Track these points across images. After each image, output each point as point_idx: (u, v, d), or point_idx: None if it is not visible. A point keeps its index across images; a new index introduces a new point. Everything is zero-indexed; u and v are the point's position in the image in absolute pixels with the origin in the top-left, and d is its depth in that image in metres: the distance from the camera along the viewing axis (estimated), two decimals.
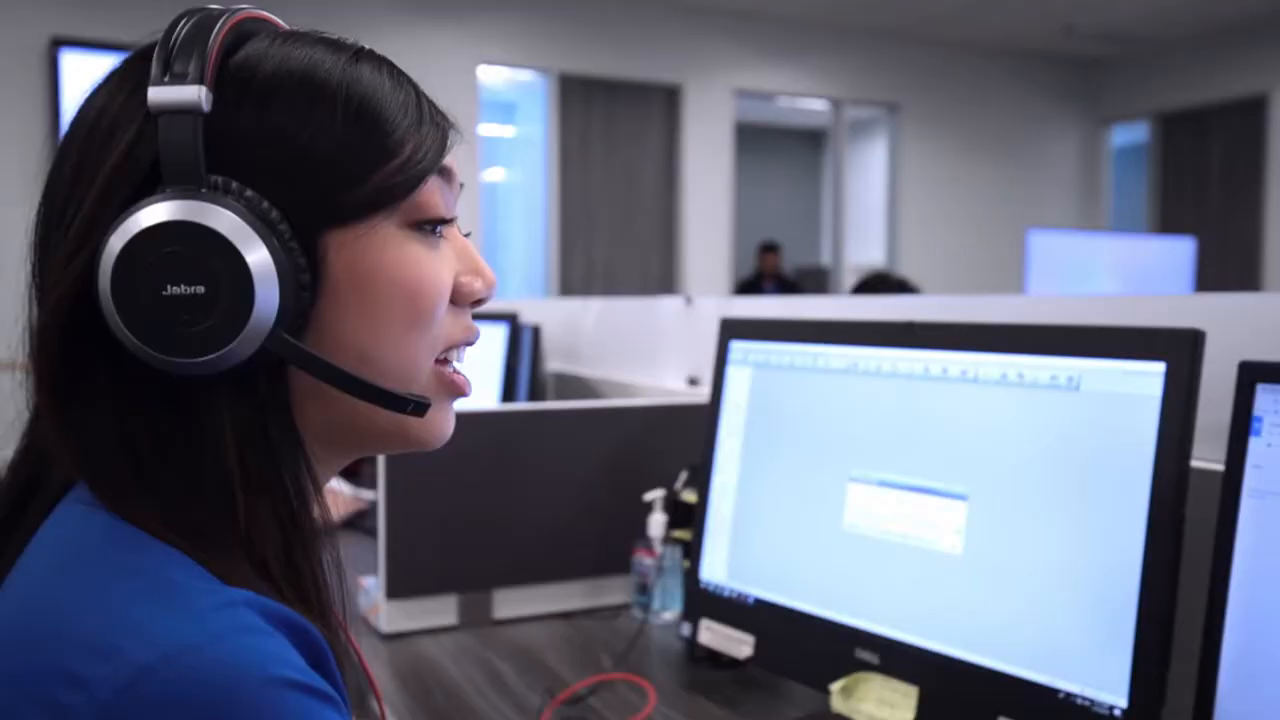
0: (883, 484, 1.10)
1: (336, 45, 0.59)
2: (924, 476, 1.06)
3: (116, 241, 0.51)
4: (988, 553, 1.00)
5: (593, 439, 1.61)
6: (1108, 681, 0.90)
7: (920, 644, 1.04)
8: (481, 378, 2.35)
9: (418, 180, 0.58)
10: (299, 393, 0.57)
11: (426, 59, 6.46)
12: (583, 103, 7.00)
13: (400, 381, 0.59)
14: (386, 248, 0.57)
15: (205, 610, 0.47)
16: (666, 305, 2.01)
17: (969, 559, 1.01)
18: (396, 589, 1.48)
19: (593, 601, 1.61)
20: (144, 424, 0.54)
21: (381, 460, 1.47)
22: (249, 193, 0.53)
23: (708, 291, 7.25)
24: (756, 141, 9.19)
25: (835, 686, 1.09)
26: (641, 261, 7.22)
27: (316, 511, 0.58)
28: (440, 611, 1.51)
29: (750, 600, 1.22)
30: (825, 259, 8.57)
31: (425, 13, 6.48)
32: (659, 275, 7.25)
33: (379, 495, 1.49)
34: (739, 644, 1.22)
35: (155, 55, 0.53)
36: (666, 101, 7.30)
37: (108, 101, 0.55)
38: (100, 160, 0.53)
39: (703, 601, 1.28)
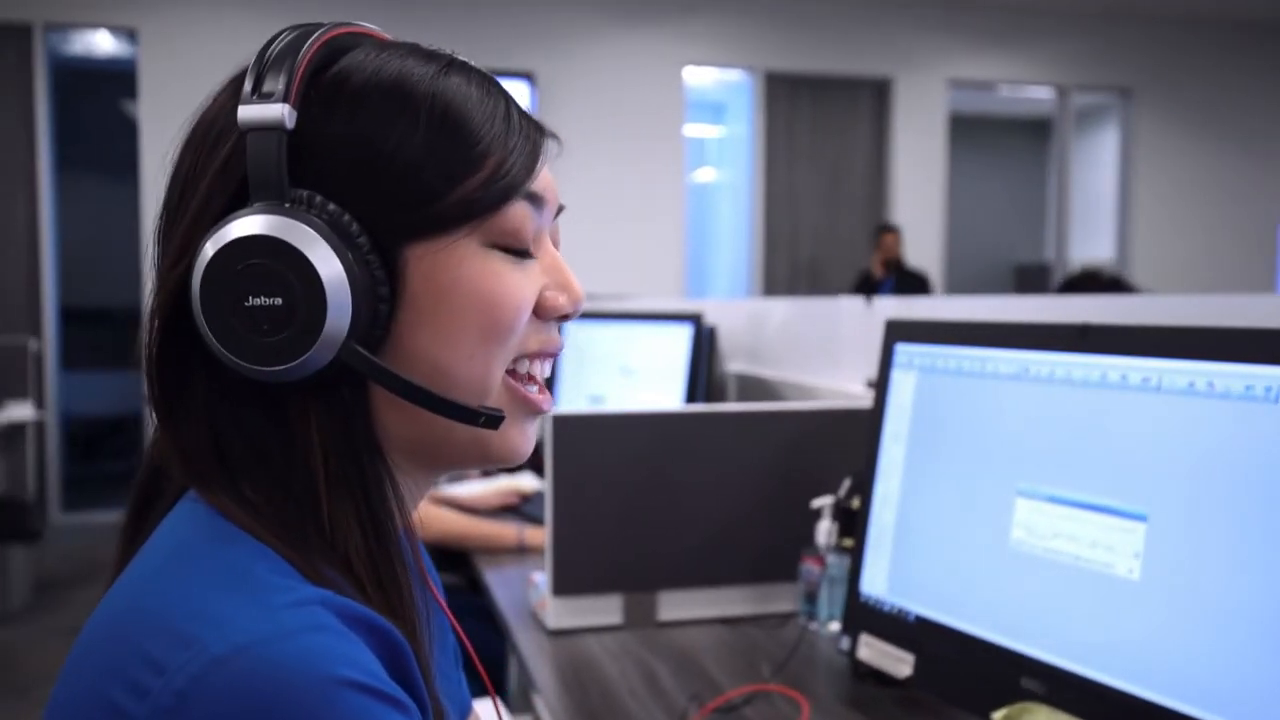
0: (1053, 499, 1.02)
1: (430, 56, 0.60)
2: (1099, 493, 0.97)
3: (205, 254, 0.53)
4: (1169, 580, 0.90)
5: (762, 442, 1.58)
6: None
7: (1091, 676, 0.95)
8: (663, 378, 2.36)
9: (501, 198, 0.58)
10: (380, 403, 0.58)
11: (632, 63, 6.58)
12: (789, 100, 6.92)
13: (474, 395, 0.59)
14: (466, 262, 0.57)
15: (279, 606, 0.49)
16: (846, 306, 1.95)
17: (1147, 586, 0.92)
18: (563, 586, 1.50)
19: (760, 608, 1.57)
20: (237, 427, 0.56)
21: (549, 457, 1.50)
22: (331, 206, 0.55)
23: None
24: (974, 134, 8.79)
25: (998, 715, 1.01)
26: (848, 261, 7.06)
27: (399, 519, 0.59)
28: (605, 610, 1.52)
29: (911, 617, 1.16)
30: (1049, 256, 8.09)
31: (630, 17, 6.59)
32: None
33: (547, 493, 1.51)
34: (898, 662, 1.16)
35: (248, 71, 0.55)
36: (875, 95, 7.10)
37: (219, 111, 0.57)
38: (204, 171, 0.56)
39: (863, 615, 1.23)
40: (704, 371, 2.27)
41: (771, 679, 1.30)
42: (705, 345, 2.28)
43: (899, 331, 1.25)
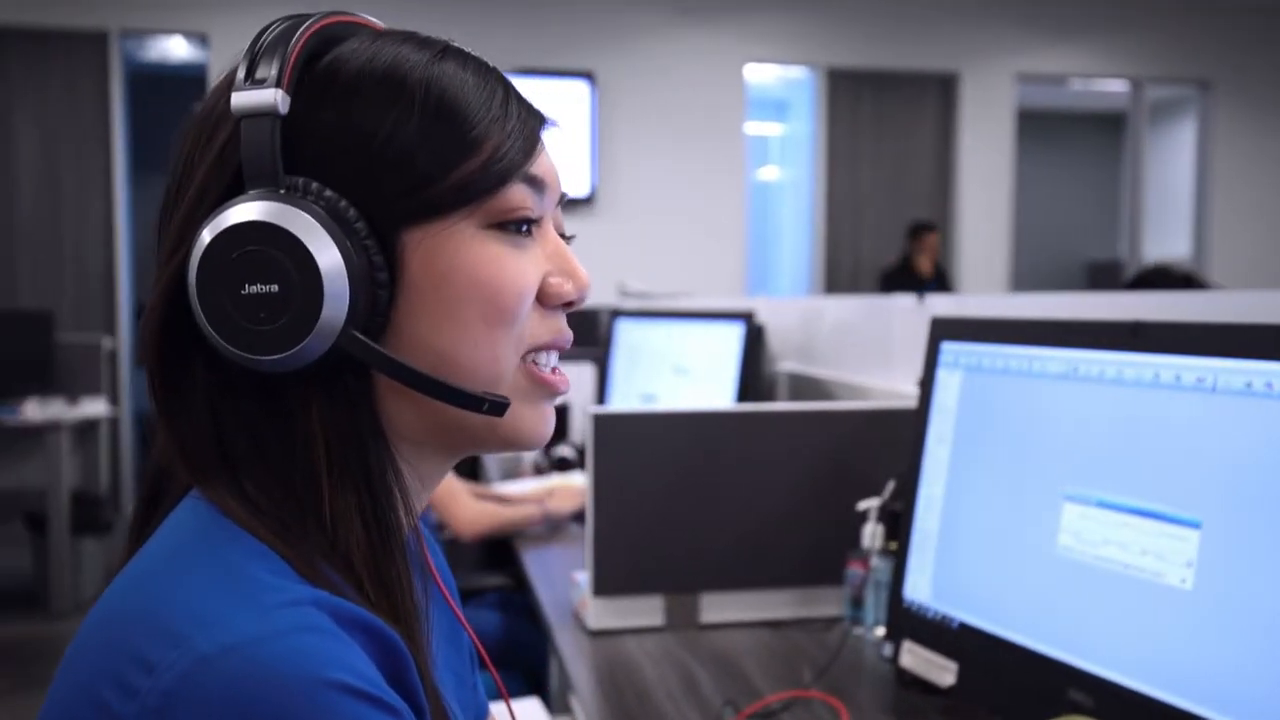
0: (1101, 504, 0.97)
1: (424, 43, 0.59)
2: (1150, 498, 0.93)
3: (201, 242, 0.53)
4: (1223, 590, 0.86)
5: (807, 442, 1.55)
6: None
7: (1140, 689, 0.91)
8: (716, 377, 2.33)
9: (499, 180, 0.57)
10: (385, 392, 0.57)
11: (693, 61, 6.55)
12: (851, 97, 6.82)
13: (482, 381, 0.58)
14: (465, 246, 0.56)
15: (271, 606, 0.47)
16: (898, 304, 1.91)
17: (1200, 596, 0.87)
18: (603, 586, 1.49)
19: (805, 611, 1.54)
20: (238, 419, 0.55)
21: (590, 456, 1.48)
22: (327, 193, 0.54)
23: (986, 290, 6.87)
24: (1044, 129, 8.60)
25: None
26: None
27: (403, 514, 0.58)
28: (646, 611, 1.50)
29: (955, 624, 1.12)
30: (1123, 254, 7.88)
31: (691, 14, 6.55)
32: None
33: (588, 492, 1.50)
34: (941, 670, 1.13)
35: (241, 59, 0.55)
36: (941, 91, 6.96)
37: (216, 101, 0.57)
38: (201, 160, 0.56)
39: (906, 621, 1.19)
40: (756, 371, 2.24)
41: (812, 685, 1.28)
42: (757, 344, 2.26)
43: (944, 330, 1.21)
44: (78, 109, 5.77)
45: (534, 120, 0.60)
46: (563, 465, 2.55)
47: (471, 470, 2.68)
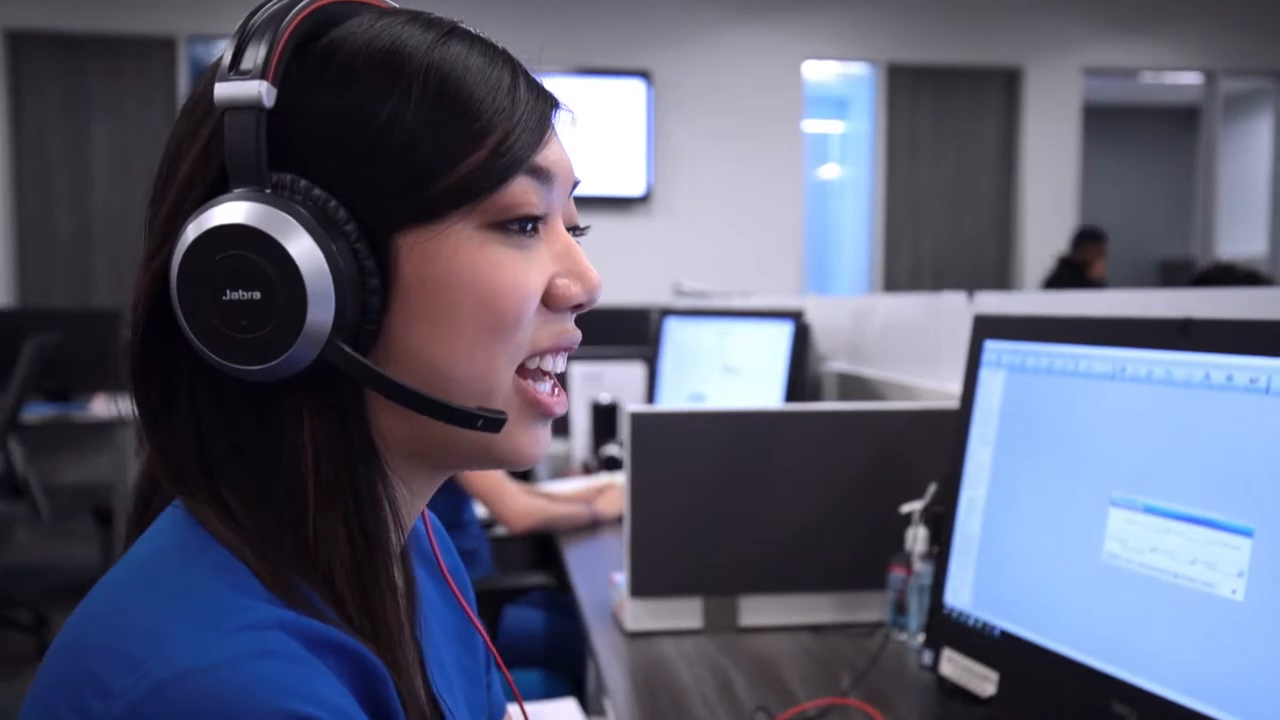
0: (1150, 510, 0.93)
1: (430, 23, 0.55)
2: (1200, 504, 0.89)
3: (182, 244, 0.50)
4: (1277, 603, 0.81)
5: (850, 443, 1.52)
6: None
7: (1188, 703, 0.87)
8: (765, 376, 2.30)
9: (502, 176, 0.53)
10: (377, 403, 0.54)
11: (751, 58, 6.50)
12: (911, 93, 6.71)
13: (476, 395, 0.54)
14: (462, 249, 0.53)
15: (231, 630, 0.45)
16: (948, 303, 1.86)
17: (1253, 608, 0.83)
18: (641, 587, 1.47)
19: (847, 616, 1.51)
20: (222, 427, 0.53)
21: (627, 456, 1.47)
22: (316, 191, 0.51)
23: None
24: (1112, 124, 8.38)
25: None
26: (973, 257, 6.81)
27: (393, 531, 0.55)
28: (685, 614, 1.48)
29: (996, 632, 1.09)
30: (1195, 252, 7.64)
31: (748, 12, 6.50)
32: (994, 272, 6.81)
33: (625, 492, 1.48)
34: (981, 680, 1.09)
35: (227, 46, 0.51)
36: (1004, 86, 6.82)
37: (206, 88, 0.53)
38: (186, 154, 0.53)
39: (946, 628, 1.16)
40: (803, 370, 2.21)
41: (850, 692, 1.24)
42: (804, 343, 2.22)
43: (988, 328, 1.17)
44: (148, 112, 5.92)
45: (544, 106, 0.56)
46: (611, 465, 2.54)
47: (522, 471, 2.69)
